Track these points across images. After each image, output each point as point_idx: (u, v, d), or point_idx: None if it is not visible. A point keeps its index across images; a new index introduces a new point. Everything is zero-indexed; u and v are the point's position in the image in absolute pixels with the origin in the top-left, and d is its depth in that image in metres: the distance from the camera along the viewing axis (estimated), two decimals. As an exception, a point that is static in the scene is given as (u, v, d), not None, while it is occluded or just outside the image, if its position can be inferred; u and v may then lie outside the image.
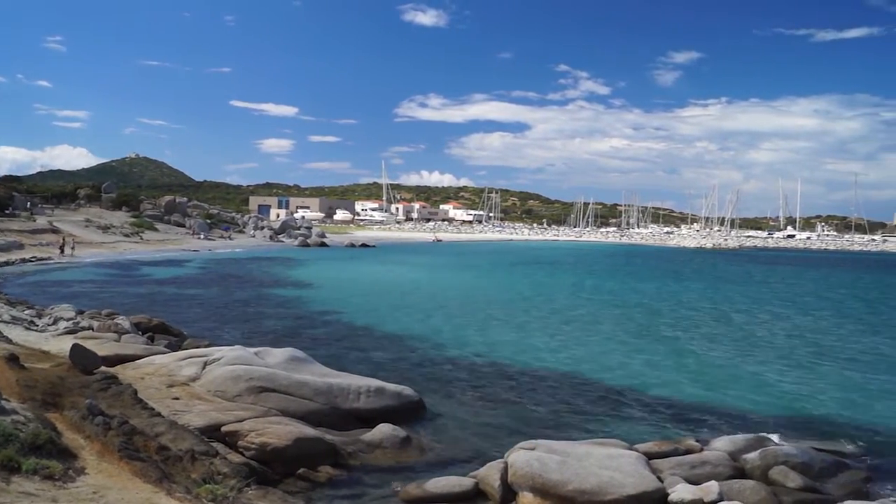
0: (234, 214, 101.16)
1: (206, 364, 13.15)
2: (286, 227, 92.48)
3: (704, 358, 20.91)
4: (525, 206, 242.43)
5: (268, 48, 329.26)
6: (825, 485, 10.38)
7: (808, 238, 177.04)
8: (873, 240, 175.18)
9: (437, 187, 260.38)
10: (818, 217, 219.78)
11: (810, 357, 21.58)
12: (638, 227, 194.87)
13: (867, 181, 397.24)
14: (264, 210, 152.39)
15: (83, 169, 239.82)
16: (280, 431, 10.36)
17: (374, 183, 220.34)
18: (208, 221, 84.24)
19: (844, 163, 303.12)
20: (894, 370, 20.01)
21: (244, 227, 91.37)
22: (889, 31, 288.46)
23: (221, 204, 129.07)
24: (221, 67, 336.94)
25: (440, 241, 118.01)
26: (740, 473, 10.49)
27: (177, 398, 11.60)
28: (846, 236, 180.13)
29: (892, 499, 9.89)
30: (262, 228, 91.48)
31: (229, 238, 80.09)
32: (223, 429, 10.37)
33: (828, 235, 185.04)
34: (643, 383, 17.18)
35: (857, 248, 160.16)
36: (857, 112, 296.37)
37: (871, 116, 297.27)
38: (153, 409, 10.09)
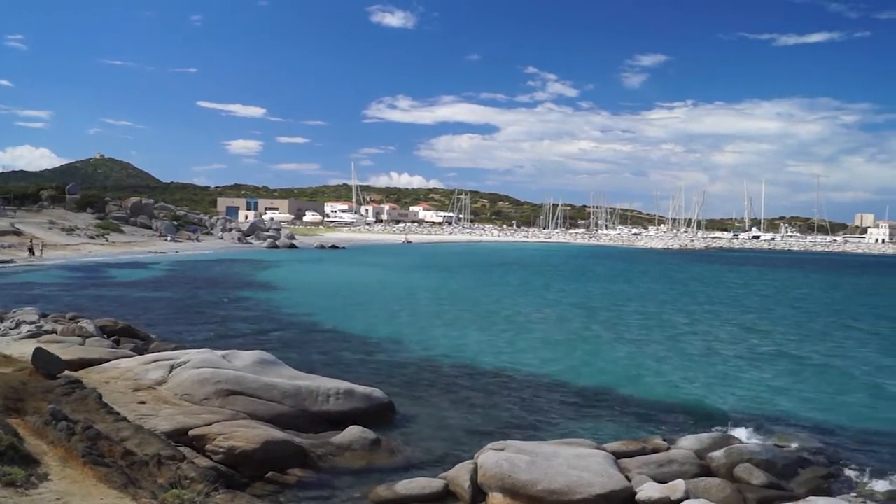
0: (201, 216, 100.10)
1: (172, 367, 13.00)
2: (255, 229, 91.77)
3: (670, 357, 21.13)
4: (495, 208, 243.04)
5: (235, 48, 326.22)
6: (788, 481, 10.55)
7: (773, 239, 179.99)
8: (835, 241, 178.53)
9: (406, 189, 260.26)
10: (782, 218, 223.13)
11: (772, 357, 21.91)
12: (606, 228, 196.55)
13: (829, 183, 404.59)
14: (232, 212, 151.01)
15: (46, 170, 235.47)
16: (248, 435, 10.29)
17: (344, 184, 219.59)
18: (175, 223, 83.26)
19: (807, 165, 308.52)
20: (853, 369, 20.38)
21: (212, 229, 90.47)
22: (849, 37, 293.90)
23: (189, 205, 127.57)
24: (188, 67, 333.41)
25: (410, 242, 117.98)
26: (706, 471, 10.62)
27: (143, 402, 11.46)
28: (809, 237, 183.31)
29: (852, 494, 10.09)
30: (231, 230, 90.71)
31: (197, 240, 79.26)
32: (190, 433, 10.27)
33: (791, 236, 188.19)
34: (611, 383, 17.32)
35: (819, 248, 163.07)
36: (819, 115, 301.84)
37: (832, 120, 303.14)
38: (118, 413, 9.96)
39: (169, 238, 74.74)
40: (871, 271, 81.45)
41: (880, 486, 10.67)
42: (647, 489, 9.36)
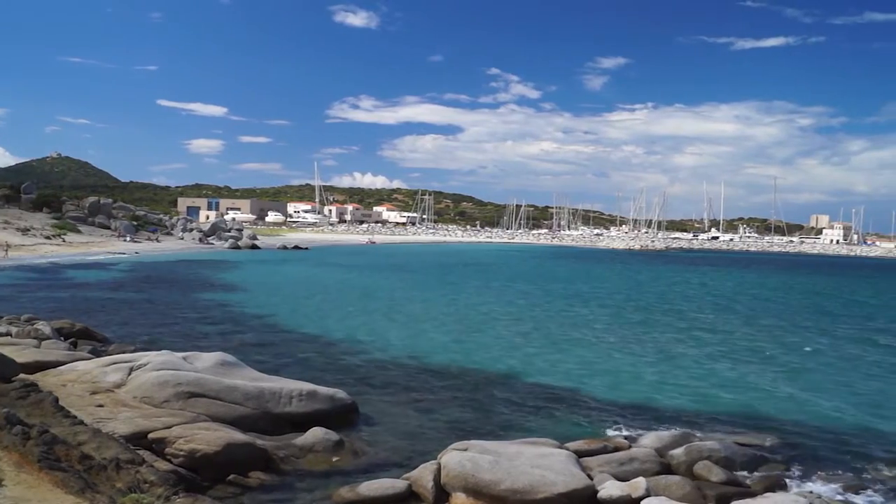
0: (161, 216, 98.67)
1: (131, 370, 12.81)
2: (216, 229, 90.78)
3: (630, 357, 21.37)
4: (458, 209, 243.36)
5: (196, 46, 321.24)
6: (746, 478, 10.77)
7: (731, 240, 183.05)
8: (791, 241, 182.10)
9: (370, 189, 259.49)
10: (740, 219, 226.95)
11: (729, 355, 22.28)
12: (569, 229, 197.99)
13: (785, 185, 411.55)
14: (193, 212, 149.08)
15: (1, 169, 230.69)
16: (209, 437, 10.18)
17: (307, 184, 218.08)
18: (135, 223, 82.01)
19: (764, 167, 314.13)
20: (810, 367, 20.80)
21: (172, 229, 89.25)
22: (804, 41, 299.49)
23: (148, 205, 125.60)
24: (147, 65, 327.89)
25: (374, 243, 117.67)
26: (667, 469, 10.79)
27: (101, 405, 11.28)
28: (766, 238, 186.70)
29: (807, 489, 10.30)
30: (192, 230, 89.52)
31: (157, 240, 78.17)
32: (150, 436, 10.14)
33: (749, 237, 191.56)
34: (573, 383, 17.46)
35: (776, 249, 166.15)
36: (775, 118, 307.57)
37: (788, 123, 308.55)
38: (76, 417, 9.78)
39: (128, 238, 73.58)
40: (824, 272, 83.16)
41: (835, 480, 10.92)
42: (609, 487, 9.46)
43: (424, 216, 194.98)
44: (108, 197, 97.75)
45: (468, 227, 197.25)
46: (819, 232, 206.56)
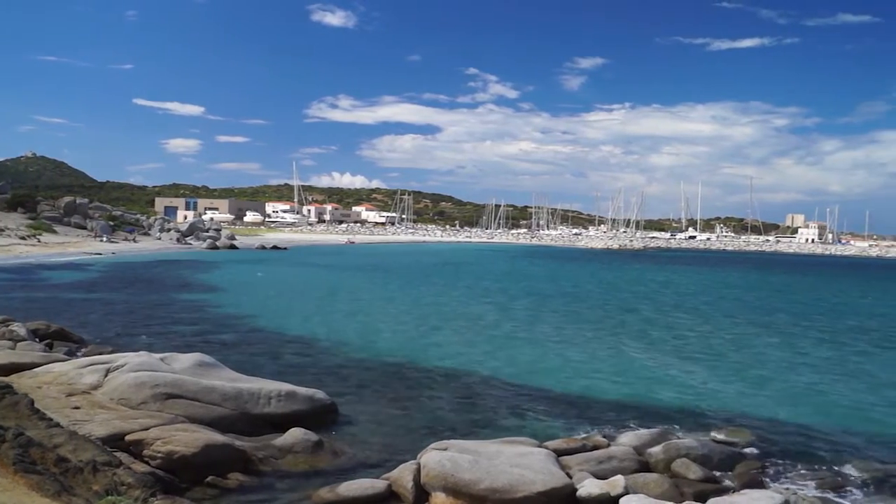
0: (138, 216, 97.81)
1: (108, 371, 12.70)
2: (194, 229, 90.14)
3: (609, 355, 21.49)
4: (437, 208, 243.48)
5: (172, 45, 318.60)
6: (724, 475, 10.88)
7: (708, 239, 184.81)
8: (767, 240, 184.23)
9: (349, 189, 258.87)
10: (717, 219, 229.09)
11: (705, 353, 22.48)
12: (548, 228, 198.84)
13: (761, 184, 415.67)
14: (171, 212, 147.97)
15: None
16: (187, 439, 10.12)
17: (286, 184, 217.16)
18: (111, 223, 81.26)
19: (740, 167, 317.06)
20: (785, 366, 21.03)
21: (150, 230, 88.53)
22: (779, 42, 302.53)
23: (125, 205, 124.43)
24: (123, 64, 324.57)
25: (353, 243, 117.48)
26: (645, 467, 10.87)
27: (77, 407, 11.17)
28: (743, 237, 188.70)
29: (784, 485, 10.42)
30: (169, 230, 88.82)
31: (134, 240, 77.48)
32: (127, 438, 10.05)
33: (726, 236, 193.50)
34: (552, 381, 17.52)
35: (752, 248, 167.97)
36: (751, 119, 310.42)
37: (764, 123, 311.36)
38: (51, 419, 9.68)
39: (104, 239, 72.87)
40: (799, 270, 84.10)
41: (811, 477, 11.05)
42: (588, 485, 9.52)
43: (404, 216, 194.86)
44: (84, 197, 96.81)
45: (447, 226, 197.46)
46: (795, 231, 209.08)
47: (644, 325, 28.61)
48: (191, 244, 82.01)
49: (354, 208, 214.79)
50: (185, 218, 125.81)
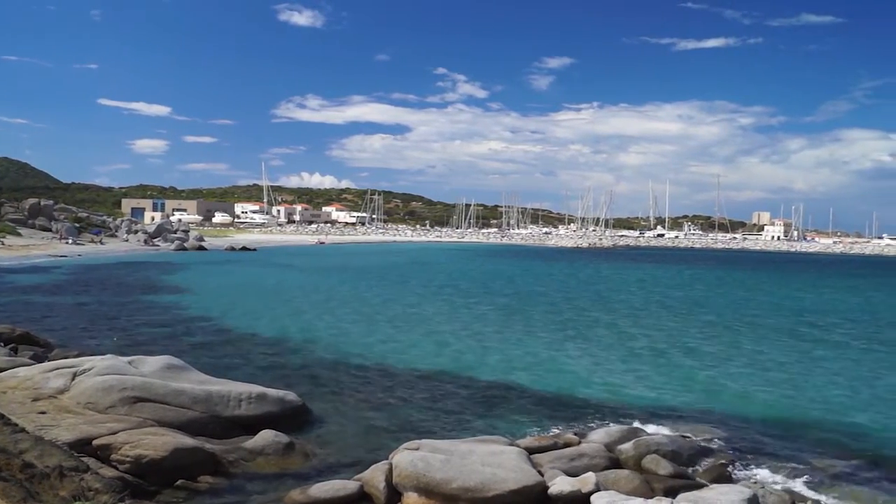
0: (105, 218, 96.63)
1: (75, 375, 12.52)
2: (162, 231, 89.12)
3: (578, 353, 21.64)
4: (408, 208, 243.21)
5: (137, 45, 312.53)
6: (693, 470, 11.01)
7: (676, 237, 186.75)
8: (735, 238, 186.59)
9: (318, 189, 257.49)
10: (685, 217, 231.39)
11: (674, 350, 22.72)
12: (518, 227, 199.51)
13: (728, 183, 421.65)
14: (138, 213, 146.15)
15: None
16: (156, 442, 10.02)
17: (255, 185, 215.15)
18: (77, 225, 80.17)
19: (707, 165, 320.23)
20: (751, 361, 21.31)
21: (116, 231, 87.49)
22: (743, 42, 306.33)
23: (91, 207, 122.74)
24: (88, 64, 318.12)
25: (323, 243, 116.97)
26: (616, 464, 10.95)
27: (43, 412, 11.00)
28: (710, 235, 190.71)
29: (752, 480, 10.57)
30: (136, 232, 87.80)
31: (101, 242, 76.48)
32: (94, 442, 9.92)
33: (694, 234, 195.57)
34: (523, 380, 17.60)
35: (720, 245, 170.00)
36: (717, 118, 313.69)
37: (730, 122, 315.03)
38: (17, 424, 9.53)
39: (70, 241, 71.85)
40: (764, 267, 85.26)
41: (778, 470, 11.23)
42: (560, 483, 9.57)
43: (374, 216, 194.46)
44: (49, 198, 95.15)
45: (418, 226, 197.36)
46: (761, 228, 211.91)
47: (612, 323, 28.82)
48: (158, 246, 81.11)
49: (325, 208, 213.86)
50: (153, 219, 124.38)
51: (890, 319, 33.29)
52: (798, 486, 10.62)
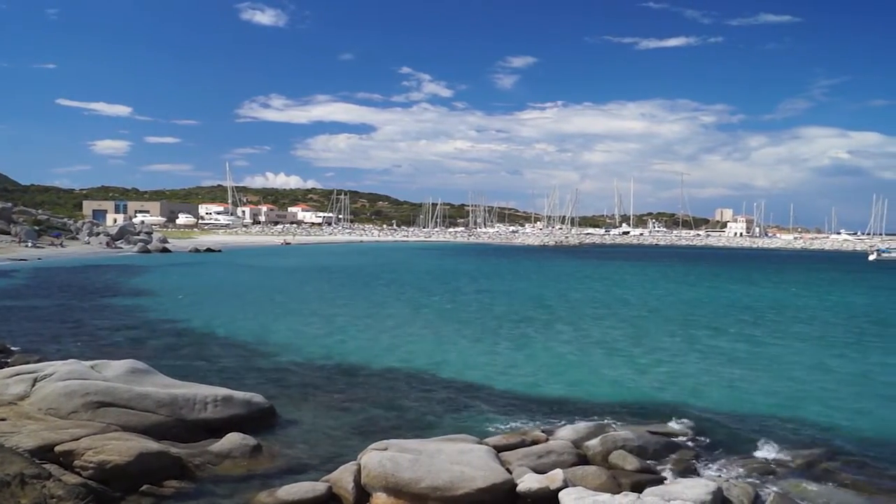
0: (65, 220, 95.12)
1: (36, 380, 12.31)
2: (124, 233, 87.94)
3: (543, 351, 21.77)
4: (374, 208, 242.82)
5: (96, 44, 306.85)
6: (659, 465, 11.14)
7: (641, 234, 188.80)
8: (698, 235, 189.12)
9: (284, 189, 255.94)
10: (650, 214, 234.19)
11: (637, 347, 22.92)
12: (485, 226, 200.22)
13: (691, 180, 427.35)
14: (100, 215, 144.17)
15: None
16: (120, 448, 9.88)
17: (219, 185, 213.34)
18: (37, 228, 78.79)
19: (670, 163, 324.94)
20: (714, 356, 21.60)
21: (77, 234, 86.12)
22: (704, 42, 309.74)
23: (52, 209, 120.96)
24: (45, 63, 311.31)
25: (289, 244, 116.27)
26: (583, 460, 11.06)
27: (3, 419, 10.80)
28: (675, 232, 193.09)
29: (717, 473, 10.72)
30: (98, 234, 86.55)
31: (61, 245, 75.26)
32: (57, 449, 9.76)
33: (658, 231, 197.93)
34: (490, 378, 17.65)
35: (684, 242, 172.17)
36: (679, 116, 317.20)
37: (692, 120, 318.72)
38: (-24, 432, 9.35)
39: (30, 244, 70.61)
40: (726, 263, 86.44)
41: (743, 464, 11.40)
42: (528, 480, 9.62)
43: (340, 216, 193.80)
44: (7, 201, 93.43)
45: (385, 226, 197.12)
46: (724, 225, 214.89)
47: (576, 321, 29.00)
48: (121, 248, 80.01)
49: (290, 209, 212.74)
50: (115, 221, 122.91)
51: (846, 314, 33.93)
52: (762, 477, 10.79)
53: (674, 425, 13.40)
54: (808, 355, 21.92)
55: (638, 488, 9.79)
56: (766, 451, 12.07)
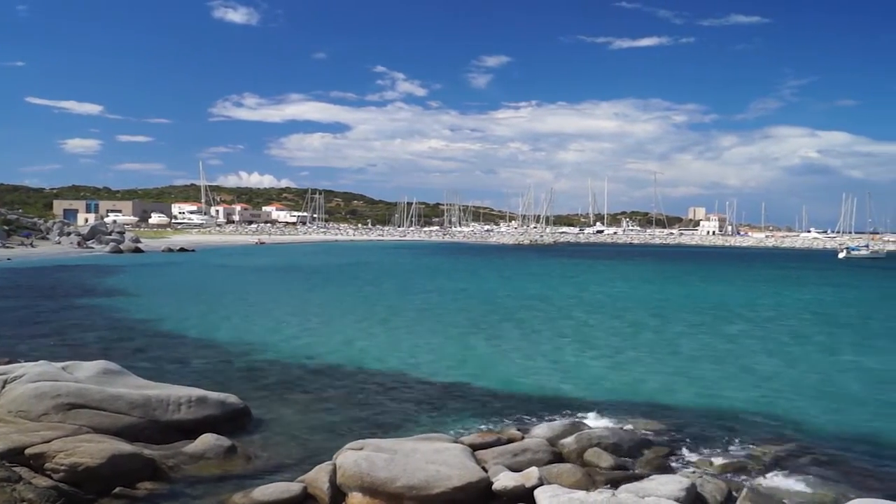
0: (36, 220, 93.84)
1: (5, 382, 12.13)
2: (96, 233, 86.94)
3: (518, 349, 21.84)
4: (349, 207, 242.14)
5: (67, 41, 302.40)
6: (633, 462, 11.23)
7: (615, 233, 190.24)
8: (671, 233, 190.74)
9: (258, 189, 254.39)
10: (623, 213, 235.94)
11: (610, 344, 23.12)
12: (460, 225, 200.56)
13: (664, 179, 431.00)
14: (71, 215, 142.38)
15: None
16: (92, 450, 9.77)
17: (192, 185, 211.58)
18: (6, 228, 77.68)
19: (643, 162, 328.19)
20: (683, 352, 21.83)
21: (48, 234, 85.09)
22: (676, 42, 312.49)
23: (21, 208, 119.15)
24: (14, 61, 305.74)
25: (263, 243, 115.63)
26: (558, 458, 11.09)
27: (-28, 422, 10.64)
28: (648, 231, 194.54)
29: (690, 469, 10.83)
30: (69, 234, 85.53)
31: (31, 245, 74.27)
32: (27, 451, 9.61)
33: (632, 230, 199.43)
34: (466, 377, 17.68)
35: (658, 241, 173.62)
36: (652, 115, 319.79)
37: (664, 120, 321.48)
38: (-56, 435, 9.21)
39: (-1, 244, 69.64)
40: (699, 261, 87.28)
41: (715, 459, 11.54)
42: (503, 478, 9.65)
43: (315, 215, 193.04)
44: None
45: (360, 225, 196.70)
46: (697, 224, 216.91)
47: (550, 319, 29.15)
48: (93, 248, 79.09)
49: (264, 208, 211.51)
50: (86, 221, 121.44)
51: (817, 311, 34.40)
52: (735, 473, 10.90)
53: (648, 422, 13.51)
54: (779, 352, 22.20)
55: (613, 485, 9.85)
56: (739, 447, 12.22)
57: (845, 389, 17.37)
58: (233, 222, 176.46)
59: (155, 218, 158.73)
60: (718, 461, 11.46)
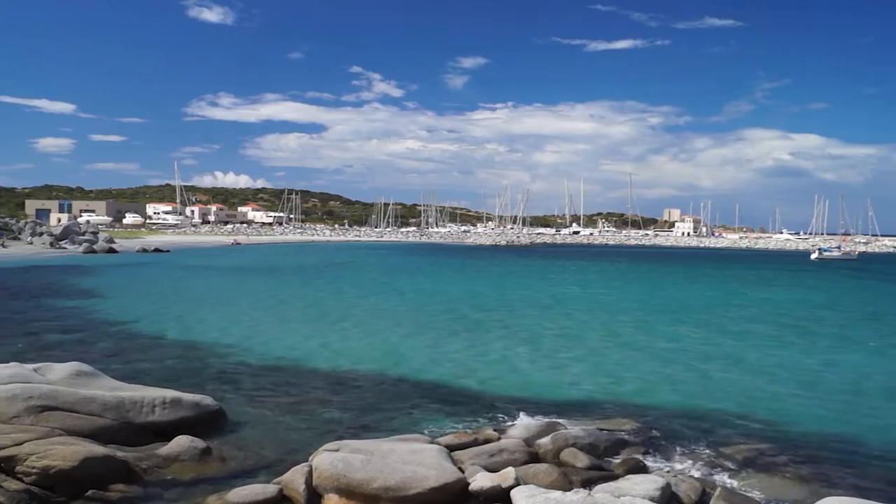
0: (7, 220, 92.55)
1: (-25, 385, 11.95)
2: (69, 233, 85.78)
3: (494, 350, 21.87)
4: (326, 208, 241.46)
5: (38, 39, 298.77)
6: (609, 461, 11.30)
7: (591, 234, 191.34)
8: (647, 234, 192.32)
9: (233, 189, 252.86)
10: (599, 214, 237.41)
11: (583, 345, 23.22)
12: (437, 226, 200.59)
13: (639, 181, 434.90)
14: (43, 215, 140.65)
15: None
16: (65, 452, 9.66)
17: (167, 184, 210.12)
18: (-24, 228, 76.52)
19: (619, 164, 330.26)
20: (660, 354, 21.98)
21: (20, 234, 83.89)
22: (651, 44, 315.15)
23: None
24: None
25: (239, 244, 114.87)
26: (535, 458, 11.14)
27: (-59, 424, 10.47)
28: (624, 232, 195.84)
29: (665, 469, 10.91)
30: (42, 234, 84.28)
31: (3, 245, 73.18)
32: (-2, 454, 9.50)
33: (608, 231, 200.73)
34: (443, 377, 17.70)
35: (633, 242, 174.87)
36: (627, 117, 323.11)
37: (639, 121, 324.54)
38: (-88, 438, 9.06)
39: (-31, 244, 68.56)
40: (673, 262, 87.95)
41: (690, 458, 11.65)
42: (480, 479, 9.67)
43: (292, 216, 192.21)
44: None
45: (336, 226, 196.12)
46: (672, 225, 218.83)
47: (526, 319, 29.22)
48: (66, 248, 78.07)
49: (240, 208, 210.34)
50: (59, 221, 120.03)
51: (791, 311, 34.79)
52: (709, 472, 11.01)
53: (623, 422, 13.58)
54: (754, 352, 22.42)
55: (589, 485, 9.91)
56: (714, 446, 12.34)
57: (818, 388, 17.58)
58: (208, 223, 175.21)
59: (129, 218, 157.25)
60: (693, 460, 11.57)
